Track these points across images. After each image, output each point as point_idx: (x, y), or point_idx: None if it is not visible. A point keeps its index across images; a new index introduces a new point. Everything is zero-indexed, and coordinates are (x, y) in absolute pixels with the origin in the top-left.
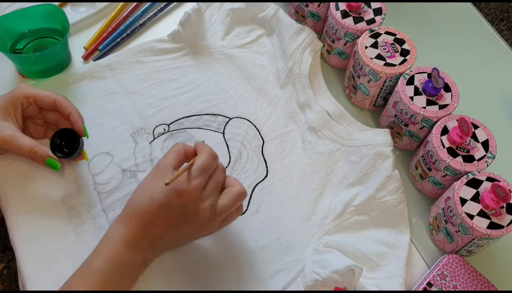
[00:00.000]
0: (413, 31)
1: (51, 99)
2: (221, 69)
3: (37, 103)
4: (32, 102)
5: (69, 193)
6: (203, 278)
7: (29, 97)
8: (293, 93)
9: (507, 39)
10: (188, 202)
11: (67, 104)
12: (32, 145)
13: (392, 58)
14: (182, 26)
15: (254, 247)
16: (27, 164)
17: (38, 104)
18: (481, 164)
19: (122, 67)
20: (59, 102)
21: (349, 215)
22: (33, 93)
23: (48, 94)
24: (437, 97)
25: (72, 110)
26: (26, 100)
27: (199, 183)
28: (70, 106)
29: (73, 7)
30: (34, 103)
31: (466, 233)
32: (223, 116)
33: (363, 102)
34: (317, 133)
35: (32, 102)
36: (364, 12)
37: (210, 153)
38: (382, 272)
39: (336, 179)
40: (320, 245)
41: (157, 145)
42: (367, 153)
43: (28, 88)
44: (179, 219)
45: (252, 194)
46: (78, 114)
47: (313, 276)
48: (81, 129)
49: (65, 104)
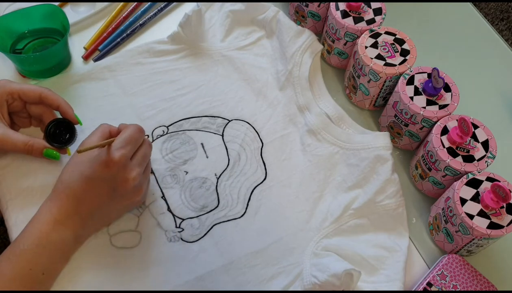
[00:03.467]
0: (413, 31)
1: (36, 93)
2: (220, 71)
3: (21, 98)
4: (16, 98)
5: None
6: (200, 280)
7: (13, 93)
8: (292, 96)
9: (507, 39)
10: (116, 172)
11: (54, 97)
12: (26, 139)
13: (392, 58)
14: (182, 28)
15: (252, 250)
16: (27, 164)
17: (23, 99)
18: (481, 164)
19: (121, 69)
20: (45, 96)
21: (348, 218)
22: (17, 89)
23: (33, 89)
24: (437, 97)
25: (60, 101)
26: (11, 96)
27: (124, 154)
28: (57, 98)
29: (73, 7)
30: (18, 99)
31: (466, 233)
32: (222, 118)
33: (363, 102)
34: (317, 136)
35: (17, 98)
36: (364, 12)
37: (136, 127)
38: (381, 276)
39: (335, 182)
40: (319, 248)
41: (156, 147)
42: (366, 156)
43: (11, 84)
44: (109, 191)
45: (250, 197)
46: (66, 104)
47: (311, 279)
48: (73, 117)
49: (51, 97)
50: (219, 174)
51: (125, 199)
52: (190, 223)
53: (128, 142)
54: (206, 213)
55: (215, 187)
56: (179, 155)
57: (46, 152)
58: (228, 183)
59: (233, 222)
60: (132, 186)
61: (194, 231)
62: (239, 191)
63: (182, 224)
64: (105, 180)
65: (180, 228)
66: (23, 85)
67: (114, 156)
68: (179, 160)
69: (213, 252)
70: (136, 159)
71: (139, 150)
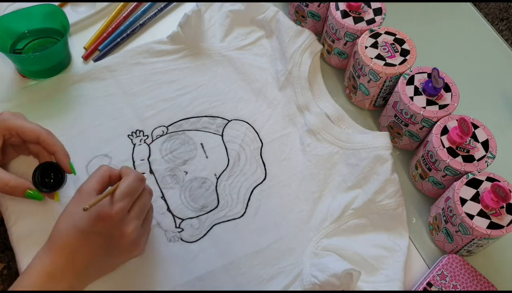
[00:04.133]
0: (413, 31)
1: (35, 134)
2: (220, 71)
3: (19, 136)
4: (14, 134)
5: (68, 194)
6: (200, 280)
7: (11, 129)
8: (292, 96)
9: (507, 39)
10: (112, 227)
11: (52, 142)
12: (8, 179)
13: (392, 58)
14: (182, 28)
15: (252, 250)
16: (26, 165)
17: (21, 137)
18: (481, 164)
19: (121, 69)
20: (43, 139)
21: (348, 218)
22: (16, 126)
23: (32, 129)
24: (437, 97)
25: (57, 148)
26: (9, 132)
27: (122, 207)
28: (55, 144)
29: (73, 7)
30: (16, 135)
31: (466, 233)
32: (221, 118)
33: (363, 102)
34: (316, 136)
35: (15, 134)
36: (364, 12)
37: (136, 175)
38: (381, 276)
39: (335, 182)
40: (319, 248)
41: (156, 148)
42: (366, 156)
43: (12, 120)
44: (104, 246)
45: (250, 197)
46: (63, 152)
47: (311, 279)
48: (67, 166)
49: (49, 141)
50: (219, 174)
51: (122, 253)
52: (190, 223)
53: (127, 194)
54: (206, 213)
55: (215, 187)
56: (178, 155)
57: (28, 194)
58: (227, 183)
59: (232, 222)
60: (129, 240)
61: (194, 231)
62: (238, 191)
63: (182, 224)
64: (101, 234)
65: (179, 228)
66: (24, 124)
67: (111, 210)
68: (179, 160)
69: (213, 252)
70: (134, 211)
71: (138, 199)
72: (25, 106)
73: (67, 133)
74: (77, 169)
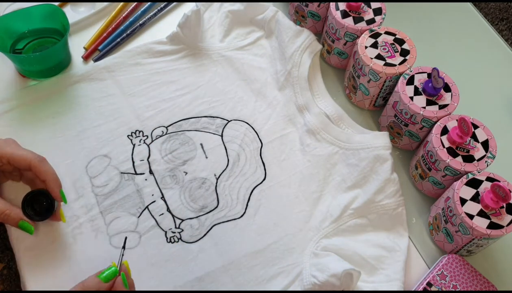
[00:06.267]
0: (413, 31)
1: (26, 162)
2: (219, 71)
3: (10, 163)
4: (5, 162)
5: (67, 195)
6: (199, 281)
7: (2, 158)
8: (291, 96)
9: (507, 39)
10: None
11: (43, 169)
12: (3, 208)
13: (392, 58)
14: (181, 28)
15: (252, 250)
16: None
17: (12, 164)
18: (481, 164)
19: (120, 69)
20: (34, 166)
21: (348, 218)
22: (7, 154)
23: (24, 157)
24: (437, 97)
25: (48, 177)
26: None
27: None
28: (46, 172)
29: (73, 7)
30: (7, 163)
31: (466, 233)
32: (221, 118)
33: (363, 102)
34: (316, 136)
35: (6, 163)
36: (364, 12)
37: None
38: (381, 276)
39: (335, 182)
40: (318, 248)
41: (155, 148)
42: (365, 156)
43: (3, 148)
44: None
45: (250, 197)
46: (54, 180)
47: (311, 279)
48: (58, 195)
49: (40, 169)
50: (219, 174)
51: None
52: (190, 223)
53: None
54: (206, 213)
55: (215, 187)
56: (178, 156)
57: (22, 225)
58: (227, 183)
59: (232, 222)
60: None
61: (194, 231)
62: (238, 191)
63: (182, 224)
64: None
65: (179, 229)
66: (15, 152)
67: None
68: (179, 160)
69: (213, 252)
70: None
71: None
72: (25, 106)
73: (67, 133)
74: (77, 169)
